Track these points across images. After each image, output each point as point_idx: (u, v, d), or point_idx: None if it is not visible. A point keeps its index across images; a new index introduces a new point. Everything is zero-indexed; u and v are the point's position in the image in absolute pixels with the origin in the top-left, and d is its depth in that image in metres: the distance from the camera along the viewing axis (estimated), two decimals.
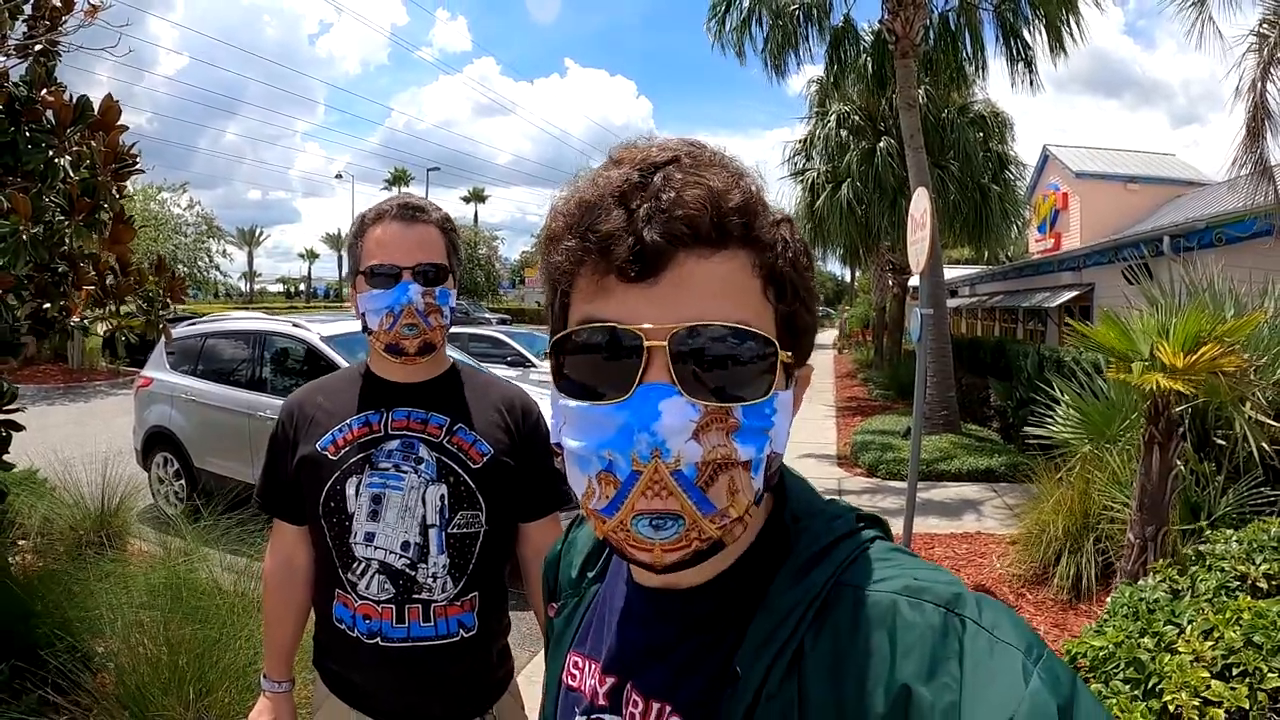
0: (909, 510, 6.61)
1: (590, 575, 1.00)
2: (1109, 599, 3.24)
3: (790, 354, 0.76)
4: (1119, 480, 5.74)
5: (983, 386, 14.84)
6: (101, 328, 3.91)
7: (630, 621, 0.88)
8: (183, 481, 8.08)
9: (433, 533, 1.86)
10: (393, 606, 1.84)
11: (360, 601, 1.85)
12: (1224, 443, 5.25)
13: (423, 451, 1.89)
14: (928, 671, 0.65)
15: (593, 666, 0.91)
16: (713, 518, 0.71)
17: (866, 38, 15.86)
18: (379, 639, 1.84)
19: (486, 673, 1.99)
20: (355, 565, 1.85)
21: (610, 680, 0.87)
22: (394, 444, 1.89)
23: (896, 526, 6.33)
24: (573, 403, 0.75)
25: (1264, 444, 4.90)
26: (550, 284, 0.80)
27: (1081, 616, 5.47)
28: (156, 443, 8.28)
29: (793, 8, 15.09)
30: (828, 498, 0.86)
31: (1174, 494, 4.58)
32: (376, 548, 1.84)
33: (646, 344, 0.70)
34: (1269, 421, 4.94)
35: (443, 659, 1.87)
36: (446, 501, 1.87)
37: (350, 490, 1.86)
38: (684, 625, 0.82)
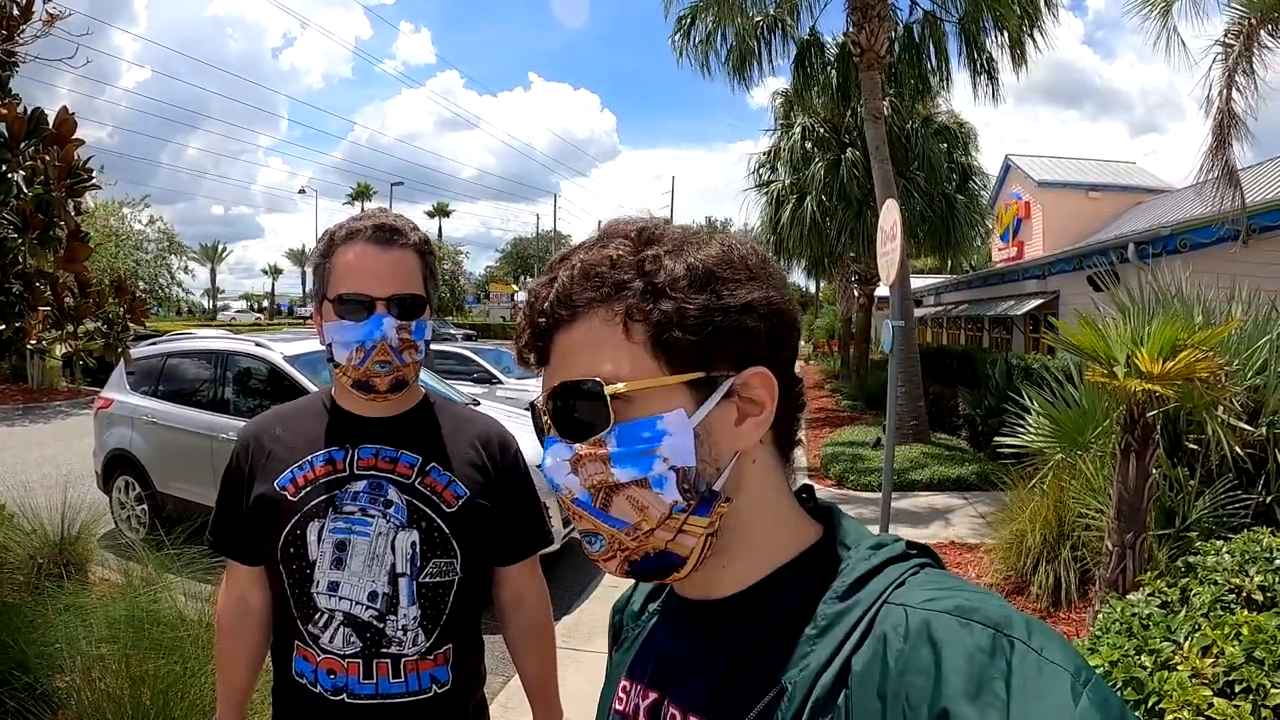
0: (883, 520, 6.61)
1: (651, 609, 1.04)
2: (1100, 615, 3.21)
3: (622, 385, 0.80)
4: (1093, 488, 5.74)
5: (951, 395, 14.89)
6: (60, 350, 3.78)
7: (672, 635, 0.93)
8: (145, 506, 7.89)
9: (403, 582, 1.71)
10: (359, 661, 1.70)
11: (323, 656, 1.71)
12: (1196, 447, 5.26)
13: (392, 494, 1.74)
14: (974, 690, 0.65)
15: (638, 688, 0.94)
16: (626, 531, 0.83)
17: (831, 50, 15.97)
18: (345, 695, 1.70)
19: None
20: (318, 617, 1.71)
21: (652, 696, 0.91)
22: (360, 485, 1.74)
23: None
24: None
25: (1237, 448, 4.91)
26: None
27: (1060, 624, 5.46)
28: (117, 466, 8.07)
29: (757, 19, 15.14)
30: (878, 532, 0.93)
31: (1151, 501, 4.57)
32: (341, 598, 1.70)
33: (542, 412, 0.88)
34: (1241, 425, 4.95)
35: (414, 717, 1.73)
36: (418, 549, 1.73)
37: (312, 536, 1.71)
38: (721, 637, 0.85)
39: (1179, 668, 2.46)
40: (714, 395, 0.83)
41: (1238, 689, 2.33)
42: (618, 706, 0.96)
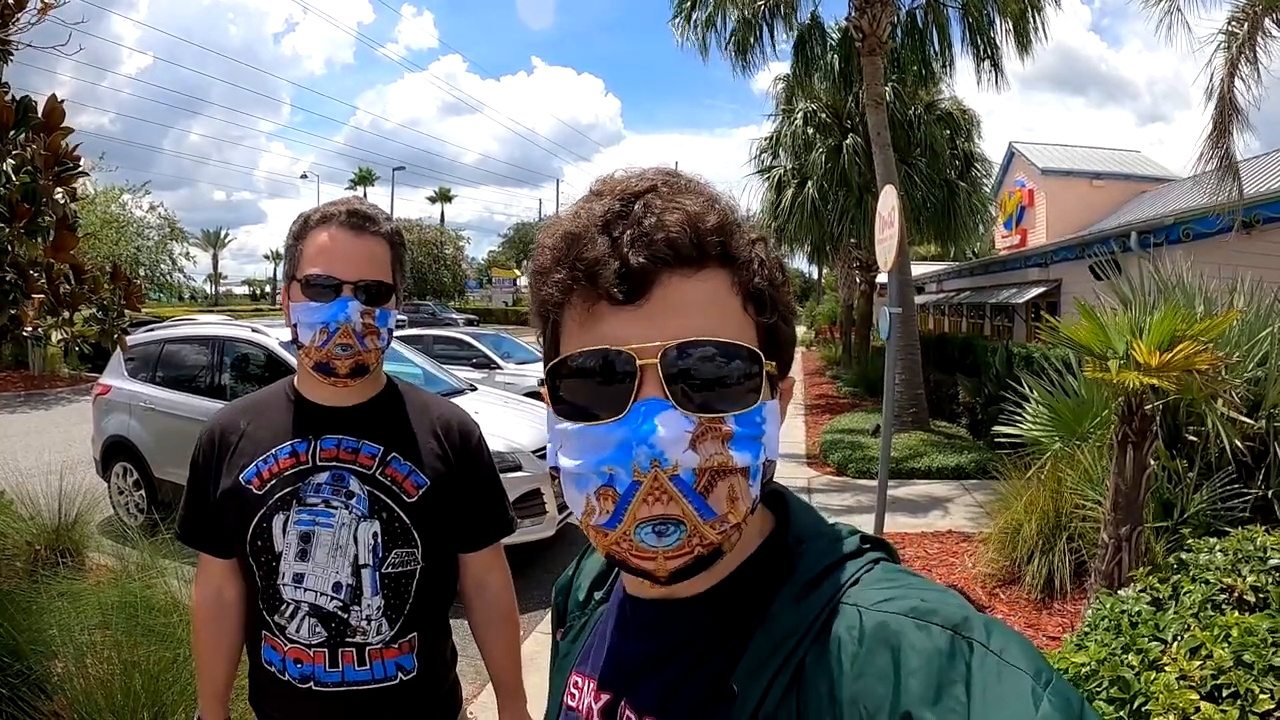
0: (880, 509, 6.60)
1: (597, 597, 1.01)
2: (1090, 610, 3.19)
3: (773, 364, 0.79)
4: (1091, 479, 5.72)
5: (951, 383, 14.84)
6: (56, 336, 3.77)
7: (625, 635, 0.89)
8: (142, 492, 7.90)
9: (365, 573, 1.73)
10: (325, 650, 1.72)
11: (290, 645, 1.73)
12: (1195, 439, 5.23)
13: (354, 485, 1.75)
14: (933, 695, 0.63)
15: (590, 685, 0.91)
16: (713, 523, 0.73)
17: (833, 35, 15.87)
18: (312, 683, 1.73)
19: (430, 714, 1.89)
20: (284, 607, 1.73)
21: (605, 697, 0.88)
22: (323, 476, 1.75)
23: (866, 525, 6.30)
24: (570, 425, 0.77)
25: (1236, 440, 4.89)
26: (541, 316, 0.83)
27: (1054, 616, 5.45)
28: (116, 453, 8.08)
29: (758, 3, 15.05)
30: (832, 520, 0.87)
31: (1148, 493, 4.55)
32: (306, 589, 1.72)
33: (639, 362, 0.72)
34: (1241, 418, 4.92)
35: (381, 703, 1.76)
36: (380, 539, 1.74)
37: (277, 528, 1.73)
38: (677, 638, 0.82)
39: (1166, 669, 2.44)
40: (776, 394, 0.82)
41: (1225, 693, 2.30)
42: (569, 702, 0.94)
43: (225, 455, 1.82)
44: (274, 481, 1.75)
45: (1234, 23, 8.50)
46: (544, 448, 4.49)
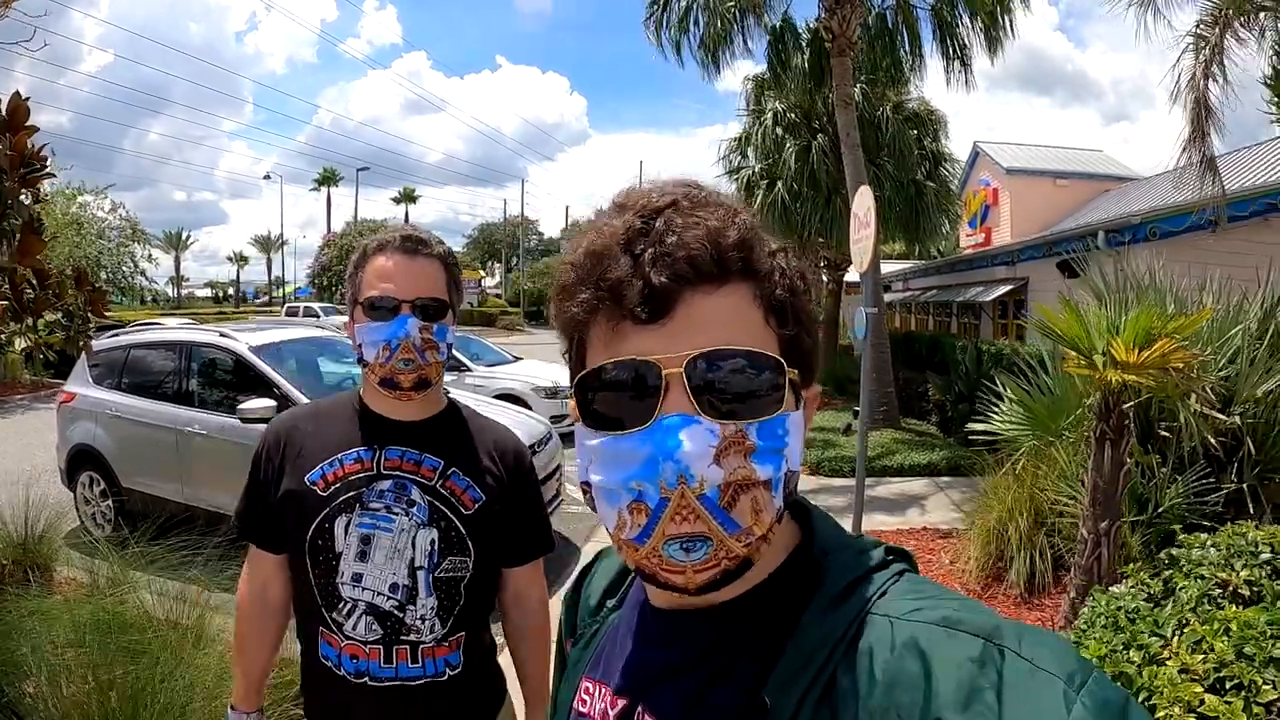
0: (857, 507, 6.62)
1: (610, 604, 1.02)
2: (1086, 608, 3.20)
3: (796, 371, 0.79)
4: (1066, 475, 5.78)
5: (920, 381, 14.94)
6: (19, 344, 3.68)
7: (644, 642, 0.89)
8: (110, 502, 7.73)
9: (420, 575, 1.84)
10: (380, 647, 1.82)
11: (347, 641, 1.83)
12: (1169, 435, 5.29)
13: (415, 494, 1.86)
14: (964, 701, 0.64)
15: (603, 690, 0.91)
16: (738, 536, 0.74)
17: (804, 35, 15.92)
18: (367, 678, 1.82)
19: (475, 703, 1.98)
20: (341, 605, 1.83)
21: (621, 703, 0.88)
22: (386, 484, 1.86)
23: (845, 524, 6.30)
24: (598, 439, 0.78)
25: (1210, 436, 4.94)
26: (566, 333, 0.84)
27: (1035, 611, 5.49)
28: (81, 462, 7.89)
29: (729, 4, 15.06)
30: (856, 534, 0.87)
31: (1125, 489, 4.59)
32: (364, 589, 1.82)
33: (664, 372, 0.73)
34: (1214, 414, 4.98)
35: (431, 696, 1.86)
36: (436, 546, 1.85)
37: (339, 529, 1.83)
38: (699, 647, 0.82)
39: (1168, 663, 2.48)
40: (800, 404, 0.83)
41: (1228, 685, 2.34)
42: (580, 708, 0.94)
43: (291, 456, 1.93)
44: (339, 485, 1.86)
45: (1203, 25, 8.64)
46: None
